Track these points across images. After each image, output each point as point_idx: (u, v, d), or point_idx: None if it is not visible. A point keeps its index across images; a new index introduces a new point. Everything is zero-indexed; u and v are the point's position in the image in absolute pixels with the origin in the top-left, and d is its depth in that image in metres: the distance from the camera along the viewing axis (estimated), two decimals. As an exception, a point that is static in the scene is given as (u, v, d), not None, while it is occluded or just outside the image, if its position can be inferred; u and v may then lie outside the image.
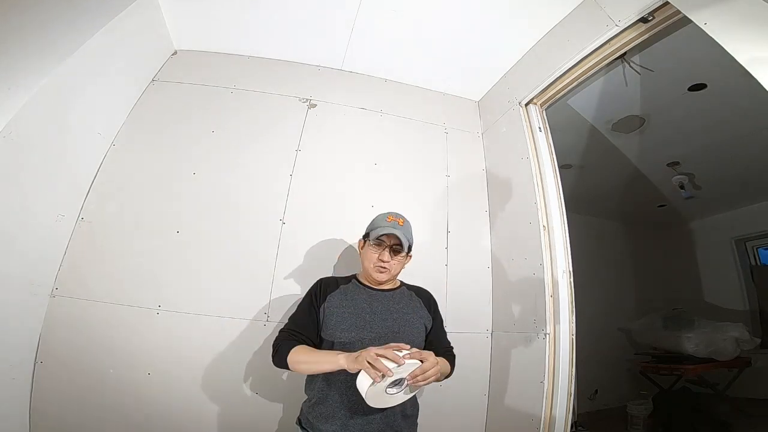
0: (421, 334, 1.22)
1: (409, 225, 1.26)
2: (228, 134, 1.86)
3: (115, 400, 1.42)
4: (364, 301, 1.21)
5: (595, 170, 3.20)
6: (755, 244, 3.89)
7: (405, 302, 1.25)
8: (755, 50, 1.04)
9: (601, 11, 1.55)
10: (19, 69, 1.25)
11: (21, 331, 1.36)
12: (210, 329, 1.54)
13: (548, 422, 1.44)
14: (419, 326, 1.22)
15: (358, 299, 1.21)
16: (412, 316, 1.22)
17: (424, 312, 1.27)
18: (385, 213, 1.26)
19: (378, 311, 1.19)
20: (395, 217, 1.23)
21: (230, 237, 1.68)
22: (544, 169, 1.74)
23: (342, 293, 1.22)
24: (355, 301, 1.20)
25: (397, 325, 1.18)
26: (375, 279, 1.23)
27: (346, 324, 1.14)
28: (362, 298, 1.22)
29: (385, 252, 1.20)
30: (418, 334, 1.21)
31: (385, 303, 1.22)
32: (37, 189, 1.37)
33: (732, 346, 2.87)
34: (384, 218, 1.23)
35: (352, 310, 1.18)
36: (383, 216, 1.25)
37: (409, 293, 1.30)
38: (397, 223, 1.21)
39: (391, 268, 1.21)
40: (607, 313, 3.83)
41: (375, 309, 1.20)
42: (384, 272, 1.21)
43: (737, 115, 2.32)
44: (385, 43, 1.99)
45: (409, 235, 1.24)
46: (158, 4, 1.77)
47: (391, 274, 1.23)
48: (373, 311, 1.19)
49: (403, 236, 1.18)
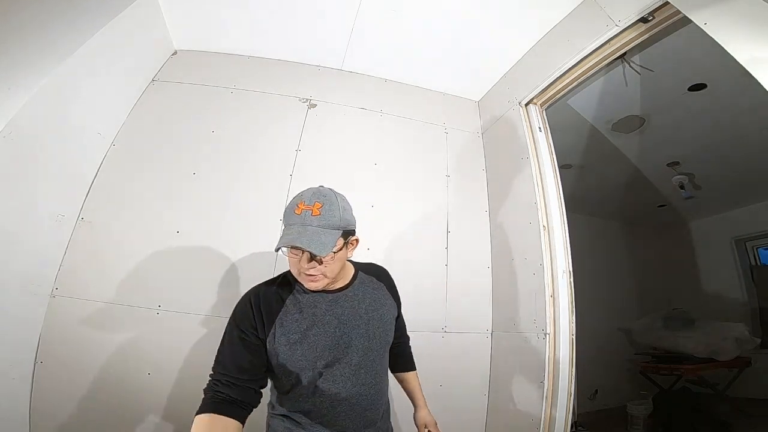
0: (391, 328, 1.04)
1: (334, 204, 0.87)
2: (228, 134, 1.86)
3: (115, 400, 1.42)
4: (325, 312, 0.93)
5: (595, 170, 3.20)
6: (755, 244, 3.89)
7: (369, 295, 1.02)
8: (755, 50, 1.04)
9: (601, 11, 1.55)
10: (19, 69, 1.25)
11: (21, 331, 1.36)
12: (210, 329, 1.54)
13: (548, 422, 1.45)
14: (390, 321, 1.04)
15: (317, 312, 0.93)
16: (382, 310, 1.02)
17: (390, 299, 1.06)
18: (298, 196, 0.89)
19: (345, 318, 0.95)
20: (308, 204, 0.85)
21: (230, 237, 1.68)
22: (544, 169, 1.74)
23: (295, 310, 0.92)
24: (315, 316, 0.92)
25: (371, 327, 0.97)
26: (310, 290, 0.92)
27: (318, 350, 0.90)
28: (321, 310, 0.93)
29: (304, 258, 0.86)
30: (389, 330, 1.03)
31: (349, 305, 0.97)
32: (37, 189, 1.37)
33: (732, 346, 2.87)
34: (293, 209, 0.86)
35: (318, 329, 0.91)
36: (294, 203, 0.87)
37: (370, 279, 1.05)
38: (310, 214, 0.84)
39: (326, 273, 0.88)
40: (607, 313, 3.83)
41: (341, 317, 0.94)
42: (317, 281, 0.89)
43: (737, 115, 2.32)
44: (385, 43, 1.99)
45: (335, 218, 0.85)
46: (158, 4, 1.77)
47: (329, 279, 0.90)
48: (340, 321, 0.94)
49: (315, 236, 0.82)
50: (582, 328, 1.59)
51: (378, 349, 0.99)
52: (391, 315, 1.05)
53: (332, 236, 0.84)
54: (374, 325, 0.98)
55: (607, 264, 4.09)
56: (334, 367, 0.91)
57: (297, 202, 0.87)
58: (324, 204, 0.86)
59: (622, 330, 3.84)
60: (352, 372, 0.93)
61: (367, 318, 0.98)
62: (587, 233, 3.89)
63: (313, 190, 0.89)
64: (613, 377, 3.68)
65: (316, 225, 0.84)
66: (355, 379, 0.94)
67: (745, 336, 2.91)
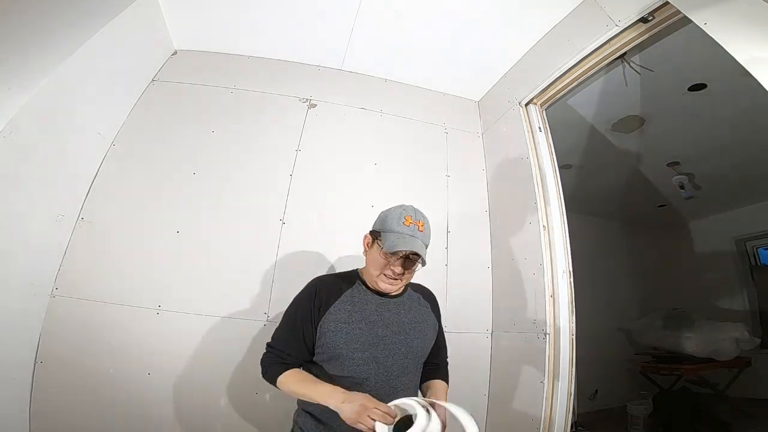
0: (430, 343, 1.12)
1: (429, 225, 1.04)
2: (228, 134, 1.86)
3: (115, 400, 1.42)
4: (374, 312, 1.04)
5: (595, 170, 3.20)
6: (755, 244, 3.89)
7: (415, 309, 1.12)
8: (755, 50, 1.04)
9: (601, 11, 1.55)
10: (19, 69, 1.25)
11: (21, 331, 1.36)
12: (210, 329, 1.54)
13: (548, 422, 1.45)
14: (430, 335, 1.12)
15: (367, 309, 1.04)
16: (424, 326, 1.10)
17: (432, 318, 1.16)
18: (400, 210, 1.02)
19: (390, 323, 1.04)
20: (414, 220, 1.00)
21: (230, 237, 1.68)
22: (544, 169, 1.74)
23: (348, 302, 1.04)
24: (365, 312, 1.03)
25: (410, 338, 1.05)
26: (380, 289, 1.04)
27: (359, 342, 0.99)
28: (371, 308, 1.04)
29: (398, 263, 0.99)
30: (428, 345, 1.11)
31: (395, 312, 1.07)
32: (37, 189, 1.37)
33: (732, 346, 2.87)
34: (400, 219, 0.99)
35: (363, 324, 1.01)
36: (399, 213, 1.01)
37: (417, 296, 1.16)
38: (417, 228, 0.99)
39: (403, 281, 1.04)
40: (607, 313, 3.83)
41: (387, 320, 1.04)
42: (394, 284, 1.03)
43: (737, 115, 2.32)
44: (385, 43, 1.99)
45: (429, 239, 1.03)
46: (158, 4, 1.77)
47: (400, 287, 1.06)
48: (386, 323, 1.03)
49: (423, 246, 0.99)
50: (582, 328, 1.59)
51: (414, 357, 1.05)
52: (432, 332, 1.13)
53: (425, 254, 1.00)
54: (414, 335, 1.06)
55: (607, 264, 4.09)
56: (369, 364, 0.98)
57: (403, 215, 1.00)
58: (425, 224, 1.02)
59: (622, 330, 3.84)
60: (385, 372, 0.99)
61: (409, 328, 1.06)
62: (587, 233, 3.89)
63: (412, 208, 1.04)
64: (613, 377, 3.68)
65: (421, 240, 0.99)
66: (386, 379, 0.99)
67: (745, 336, 2.91)
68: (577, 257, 1.65)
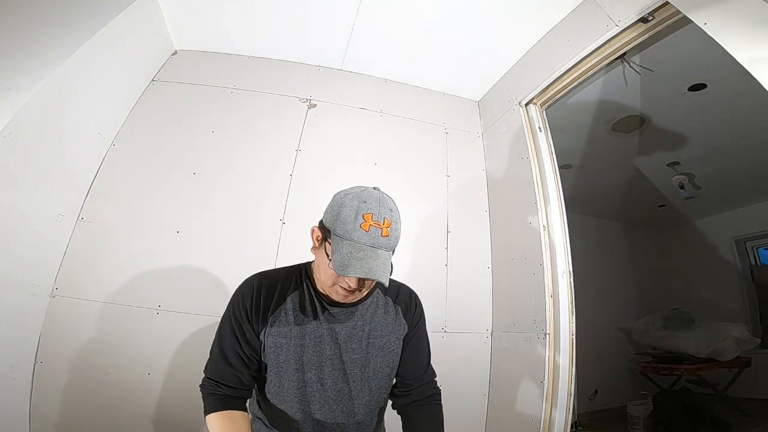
0: (396, 359, 0.92)
1: (398, 218, 0.79)
2: (228, 134, 1.86)
3: (115, 400, 1.42)
4: (323, 326, 0.85)
5: (595, 170, 3.20)
6: (755, 244, 3.89)
7: (379, 318, 0.91)
8: (755, 50, 1.04)
9: (601, 11, 1.55)
10: (19, 69, 1.25)
11: (21, 331, 1.36)
12: (210, 329, 1.54)
13: (548, 422, 1.45)
14: (394, 351, 0.91)
15: (314, 323, 0.85)
16: (388, 339, 0.90)
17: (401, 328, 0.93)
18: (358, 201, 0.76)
19: (343, 338, 0.86)
20: (376, 220, 0.74)
21: (230, 237, 1.68)
22: (544, 169, 1.74)
23: (292, 313, 0.85)
24: (311, 326, 0.85)
25: (370, 356, 0.88)
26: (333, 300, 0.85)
27: (300, 361, 0.84)
28: (321, 320, 0.85)
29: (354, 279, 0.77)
30: (392, 362, 0.91)
31: (352, 326, 0.87)
32: (37, 189, 1.37)
33: (732, 346, 2.87)
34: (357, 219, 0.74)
35: (308, 340, 0.84)
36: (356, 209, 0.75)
37: (384, 300, 0.93)
38: (380, 234, 0.74)
39: (362, 292, 0.82)
40: (607, 313, 3.83)
41: (338, 336, 0.86)
42: (349, 297, 0.82)
43: (737, 115, 2.32)
44: (385, 43, 1.99)
45: (397, 240, 0.78)
46: (158, 4, 1.77)
47: (359, 298, 0.85)
48: (336, 340, 0.85)
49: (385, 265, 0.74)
50: (582, 328, 1.59)
51: (372, 379, 0.88)
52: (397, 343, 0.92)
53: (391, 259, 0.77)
54: (373, 353, 0.88)
55: (607, 264, 4.09)
56: (315, 385, 0.84)
57: (362, 214, 0.74)
58: (392, 222, 0.76)
59: (622, 330, 3.84)
60: (335, 397, 0.85)
61: (367, 344, 0.88)
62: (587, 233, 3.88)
63: (375, 198, 0.77)
64: (613, 377, 3.67)
65: (385, 249, 0.75)
66: (336, 405, 0.85)
67: (745, 336, 2.91)
68: (577, 257, 1.65)
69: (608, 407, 3.49)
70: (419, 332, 0.97)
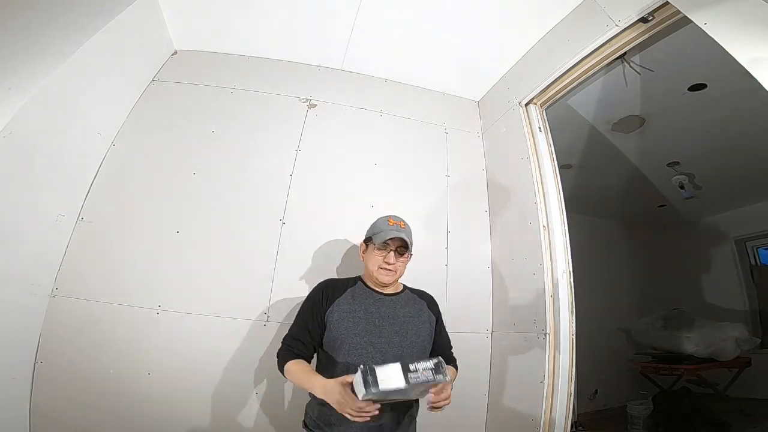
0: (427, 337, 1.25)
1: (409, 227, 1.28)
2: (228, 134, 1.86)
3: (115, 400, 1.42)
4: (372, 305, 1.22)
5: (595, 170, 3.20)
6: (755, 244, 3.89)
7: (410, 306, 1.28)
8: (755, 50, 1.04)
9: (601, 11, 1.55)
10: (19, 69, 1.25)
11: (21, 331, 1.36)
12: (210, 329, 1.54)
13: (548, 422, 1.45)
14: (425, 329, 1.25)
15: (366, 303, 1.23)
16: (418, 320, 1.25)
17: (427, 313, 1.29)
18: (385, 216, 1.29)
19: (386, 315, 1.21)
20: (396, 221, 1.25)
21: (230, 237, 1.68)
22: (544, 169, 1.74)
23: (351, 297, 1.23)
24: (365, 305, 1.22)
25: (404, 329, 1.20)
26: (380, 281, 1.24)
27: (358, 328, 1.16)
28: (370, 302, 1.23)
29: (391, 254, 1.22)
30: (424, 337, 1.24)
31: (391, 307, 1.24)
32: (37, 189, 1.37)
33: (732, 346, 2.87)
34: (386, 222, 1.26)
35: (362, 314, 1.19)
36: (384, 219, 1.27)
37: (413, 296, 1.32)
38: (399, 227, 1.24)
39: (396, 270, 1.23)
40: (607, 313, 3.82)
41: (383, 313, 1.21)
42: (390, 274, 1.22)
43: (737, 115, 2.32)
44: (385, 43, 1.99)
45: (411, 236, 1.26)
46: (158, 4, 1.77)
47: (396, 276, 1.25)
48: (382, 315, 1.21)
49: (408, 238, 1.23)
50: (582, 328, 1.59)
51: (408, 346, 1.17)
52: (427, 325, 1.26)
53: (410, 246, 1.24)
54: (408, 329, 1.21)
55: (607, 264, 4.08)
56: (367, 348, 1.13)
57: (387, 218, 1.26)
58: (406, 225, 1.27)
59: (622, 330, 3.84)
60: (381, 357, 1.10)
61: (404, 321, 1.22)
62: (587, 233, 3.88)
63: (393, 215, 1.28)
64: (613, 377, 3.67)
65: (405, 234, 1.22)
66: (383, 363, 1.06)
67: (745, 336, 2.91)
68: (577, 257, 1.65)
69: (608, 407, 3.50)
70: (441, 324, 1.33)
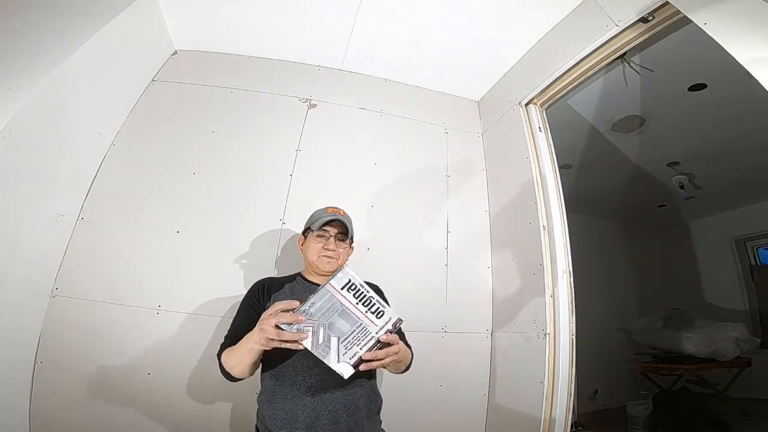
0: None
1: (349, 216, 1.26)
2: (228, 134, 1.86)
3: (115, 400, 1.42)
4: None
5: (595, 170, 3.20)
6: (755, 244, 3.89)
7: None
8: (755, 50, 1.04)
9: (601, 11, 1.55)
10: (19, 69, 1.25)
11: (21, 331, 1.36)
12: (210, 329, 1.54)
13: (548, 422, 1.44)
14: None
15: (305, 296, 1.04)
16: None
17: None
18: (323, 207, 1.28)
19: None
20: (335, 209, 1.25)
21: (230, 237, 1.68)
22: (544, 169, 1.74)
23: (289, 291, 1.19)
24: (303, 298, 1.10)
25: None
26: (322, 270, 1.21)
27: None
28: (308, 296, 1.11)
29: (331, 240, 1.20)
30: None
31: None
32: (37, 189, 1.37)
33: (732, 346, 2.87)
34: (324, 210, 1.25)
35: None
36: (322, 209, 1.26)
37: None
38: (338, 213, 1.22)
39: (337, 257, 1.21)
40: (607, 313, 3.83)
41: None
42: (331, 262, 1.20)
43: (737, 115, 2.32)
44: (385, 43, 1.99)
45: (351, 224, 1.24)
46: (158, 4, 1.77)
47: (338, 263, 1.21)
48: None
49: (348, 223, 1.21)
50: (582, 328, 1.59)
51: None
52: None
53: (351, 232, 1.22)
54: None
55: (607, 264, 4.09)
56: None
57: (325, 208, 1.25)
58: (345, 214, 1.25)
59: (622, 330, 3.84)
60: None
61: None
62: (587, 233, 3.89)
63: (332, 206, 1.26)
64: (613, 377, 3.67)
65: (344, 219, 1.21)
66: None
67: (745, 336, 2.91)
68: (577, 257, 1.65)
69: (608, 407, 3.50)
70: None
